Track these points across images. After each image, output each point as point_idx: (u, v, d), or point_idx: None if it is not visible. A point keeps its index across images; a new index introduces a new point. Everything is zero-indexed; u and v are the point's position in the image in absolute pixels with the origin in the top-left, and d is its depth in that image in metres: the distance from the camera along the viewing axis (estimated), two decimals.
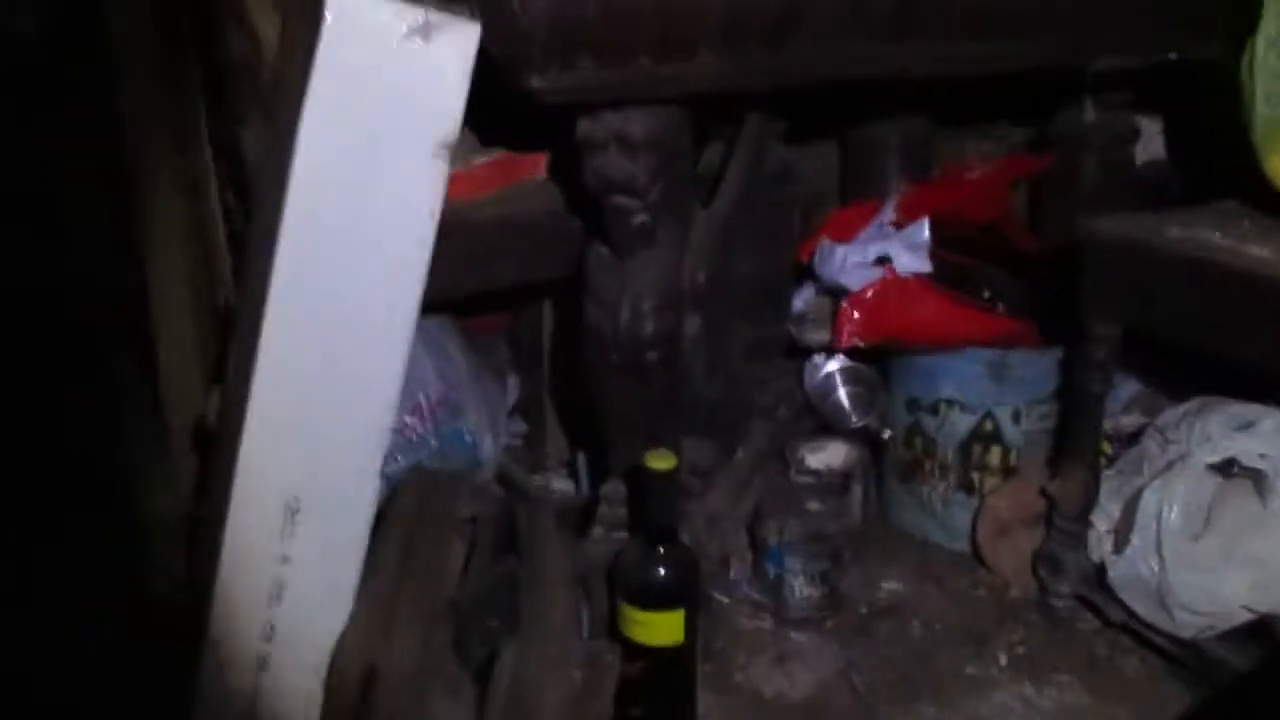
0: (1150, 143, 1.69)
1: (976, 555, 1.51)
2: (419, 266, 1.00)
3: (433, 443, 1.48)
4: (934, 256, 1.43)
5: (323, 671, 1.06)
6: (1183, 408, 1.34)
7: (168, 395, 1.61)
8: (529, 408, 1.78)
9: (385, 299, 1.01)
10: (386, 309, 1.01)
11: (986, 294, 1.43)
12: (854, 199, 1.64)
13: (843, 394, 1.63)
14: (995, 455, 1.48)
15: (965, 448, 1.49)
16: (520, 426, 1.77)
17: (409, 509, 1.18)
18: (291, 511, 1.03)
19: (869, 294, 1.42)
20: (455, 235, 1.26)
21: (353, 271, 0.99)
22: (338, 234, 0.98)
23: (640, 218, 1.16)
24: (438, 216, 0.99)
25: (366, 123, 0.96)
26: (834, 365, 1.62)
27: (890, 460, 1.59)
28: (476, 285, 1.37)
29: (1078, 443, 1.34)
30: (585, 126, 1.14)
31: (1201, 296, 1.14)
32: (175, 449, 1.62)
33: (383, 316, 1.01)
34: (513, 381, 1.78)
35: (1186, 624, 1.21)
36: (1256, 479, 1.23)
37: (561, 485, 1.69)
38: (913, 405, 1.52)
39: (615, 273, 1.21)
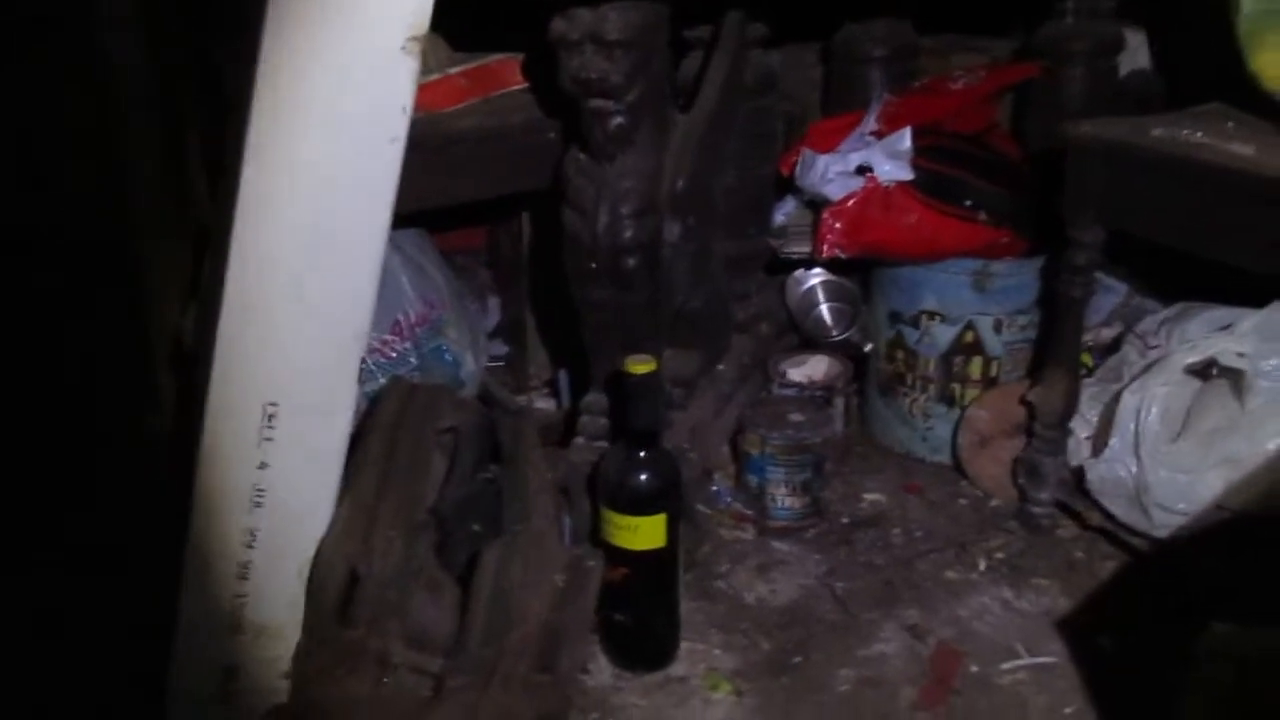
0: (1135, 54, 1.67)
1: (958, 467, 1.52)
2: (392, 164, 0.98)
3: (413, 360, 1.47)
4: (916, 165, 1.41)
5: (305, 576, 1.06)
6: (1162, 314, 1.34)
7: (153, 324, 1.60)
8: (511, 330, 1.77)
9: (359, 197, 0.99)
10: (360, 208, 0.99)
11: (969, 203, 1.41)
12: (837, 113, 1.62)
13: (824, 309, 1.63)
14: (976, 366, 1.49)
15: (946, 359, 1.49)
16: (502, 348, 1.77)
17: (389, 417, 1.17)
18: (269, 416, 1.02)
19: (850, 203, 1.41)
20: (432, 145, 1.26)
21: (324, 169, 0.97)
22: (307, 131, 0.96)
23: (618, 120, 1.15)
24: (409, 112, 0.97)
25: (333, 14, 0.93)
26: (815, 280, 1.63)
27: (872, 374, 1.59)
28: (455, 196, 1.36)
29: (1058, 349, 1.34)
30: (559, 25, 1.11)
31: (1182, 196, 1.13)
32: (160, 375, 1.62)
33: (357, 216, 0.99)
34: (493, 303, 1.78)
35: (1163, 523, 1.22)
36: (1234, 381, 1.24)
37: (543, 405, 1.70)
38: (894, 318, 1.52)
39: (593, 178, 1.19)
